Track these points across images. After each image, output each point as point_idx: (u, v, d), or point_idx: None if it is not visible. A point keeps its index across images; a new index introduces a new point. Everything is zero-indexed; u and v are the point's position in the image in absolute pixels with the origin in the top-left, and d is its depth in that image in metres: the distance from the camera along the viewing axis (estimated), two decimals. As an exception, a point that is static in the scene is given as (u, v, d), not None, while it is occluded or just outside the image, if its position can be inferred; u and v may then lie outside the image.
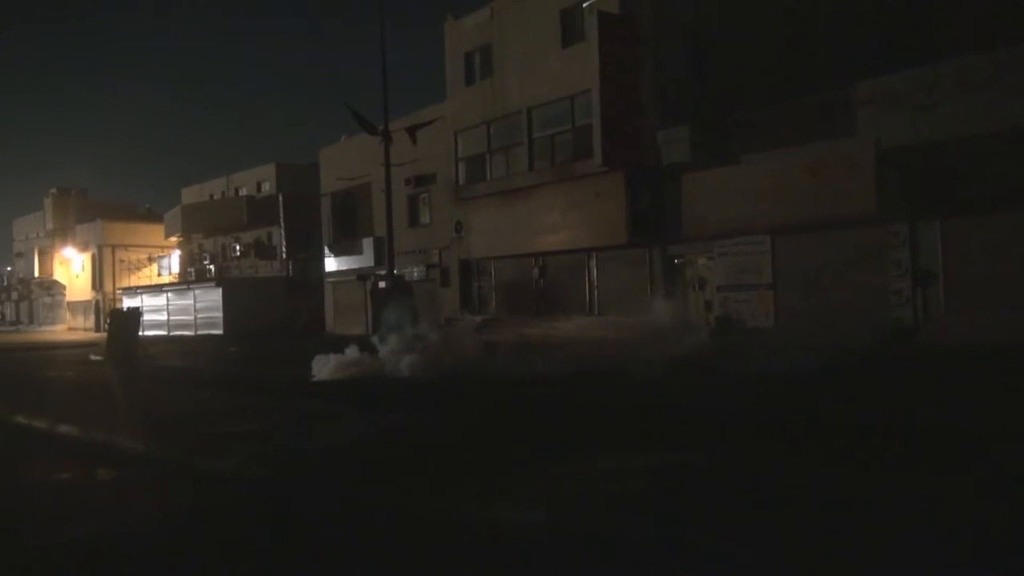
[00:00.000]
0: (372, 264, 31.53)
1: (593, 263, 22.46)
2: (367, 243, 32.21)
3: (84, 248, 56.53)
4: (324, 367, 15.27)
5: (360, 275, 32.05)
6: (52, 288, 60.80)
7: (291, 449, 7.68)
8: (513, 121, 23.98)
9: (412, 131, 19.22)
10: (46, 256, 60.77)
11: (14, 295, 66.72)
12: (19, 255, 65.53)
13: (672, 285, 20.35)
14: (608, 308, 21.99)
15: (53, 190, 60.31)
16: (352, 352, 15.72)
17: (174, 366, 21.90)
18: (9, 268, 67.15)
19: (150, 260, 53.66)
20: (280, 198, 38.77)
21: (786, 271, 17.69)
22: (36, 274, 61.67)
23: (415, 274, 29.02)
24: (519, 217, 23.53)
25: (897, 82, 15.90)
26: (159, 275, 52.15)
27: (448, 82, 26.66)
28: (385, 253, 30.52)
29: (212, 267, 46.24)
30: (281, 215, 38.19)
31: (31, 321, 64.20)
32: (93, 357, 25.45)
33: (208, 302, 40.51)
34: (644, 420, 9.15)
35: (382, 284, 29.76)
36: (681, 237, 19.67)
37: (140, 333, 44.39)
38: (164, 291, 44.93)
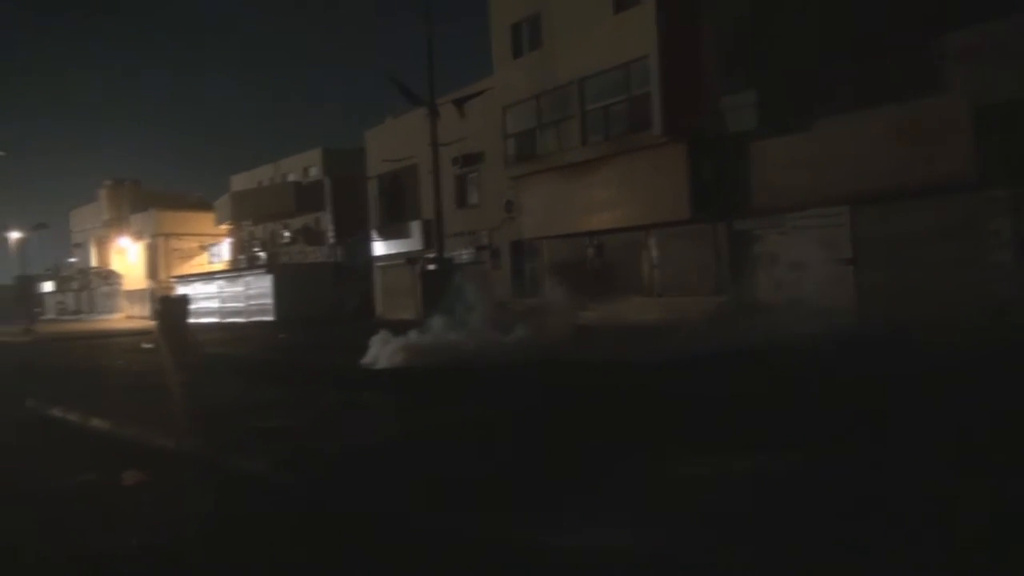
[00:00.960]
0: (421, 247, 30.78)
1: (653, 241, 21.24)
2: (415, 226, 31.46)
3: (138, 237, 57.19)
4: (383, 351, 14.48)
5: (409, 258, 31.35)
6: (110, 277, 61.78)
7: (331, 448, 6.80)
8: (564, 93, 22.78)
9: (460, 103, 18.24)
10: (103, 246, 61.75)
11: (74, 285, 68.10)
12: (77, 245, 66.80)
13: (740, 263, 19.04)
14: (670, 289, 20.78)
15: (108, 181, 61.10)
16: (415, 336, 15.01)
17: (222, 354, 21.46)
18: (73, 259, 68.48)
19: (202, 248, 53.99)
20: (326, 182, 38.25)
21: (868, 245, 16.25)
22: (94, 264, 62.77)
23: (464, 256, 28.16)
24: (572, 194, 22.42)
25: (995, 32, 14.29)
26: (210, 263, 52.42)
27: (495, 56, 25.55)
28: (434, 236, 29.90)
29: (262, 254, 46.17)
30: (328, 199, 37.73)
31: (91, 310, 65.46)
32: (144, 345, 25.32)
33: (259, 289, 40.37)
34: (728, 414, 8.05)
35: (431, 267, 29.06)
36: (749, 211, 18.35)
37: (191, 320, 44.83)
38: (215, 279, 45.02)
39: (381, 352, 14.65)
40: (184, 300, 25.56)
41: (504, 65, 24.97)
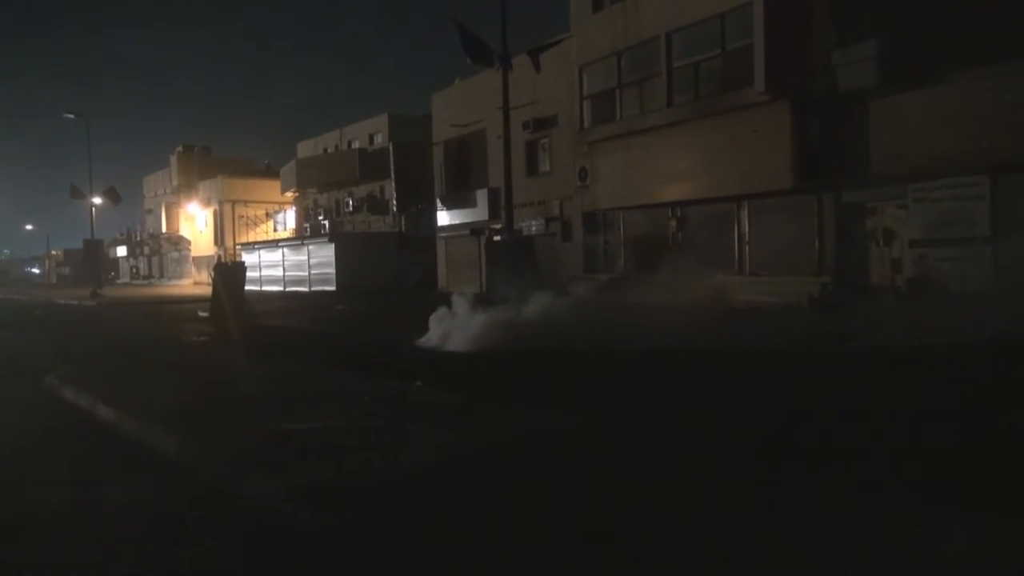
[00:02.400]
0: (486, 217, 29.11)
1: (745, 213, 19.03)
2: (481, 195, 29.78)
3: (206, 204, 57.26)
4: (455, 327, 12.85)
5: (474, 229, 29.74)
6: (179, 243, 62.27)
7: (382, 468, 5.13)
8: (649, 49, 20.59)
9: (535, 55, 16.31)
10: (172, 212, 62.22)
11: (146, 250, 69.08)
12: (149, 211, 67.59)
13: (848, 240, 16.73)
14: (763, 267, 18.58)
15: (179, 147, 61.32)
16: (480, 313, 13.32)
17: (277, 326, 20.30)
18: (141, 225, 69.41)
19: (268, 216, 53.62)
20: (390, 148, 36.85)
21: (1011, 221, 13.78)
22: (164, 229, 63.34)
23: (533, 228, 26.37)
24: (654, 161, 20.32)
25: None
26: (275, 231, 52.02)
27: (572, 10, 23.46)
28: (500, 205, 28.17)
29: (326, 222, 45.33)
30: (392, 166, 36.32)
31: (161, 275, 66.29)
32: (201, 313, 24.46)
33: (321, 258, 39.48)
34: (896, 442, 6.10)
35: (497, 238, 27.37)
36: (862, 180, 16.00)
37: (253, 288, 44.42)
38: (280, 246, 44.38)
39: (450, 328, 13.02)
40: (240, 267, 24.54)
41: (582, 20, 22.87)
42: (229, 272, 23.37)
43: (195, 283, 58.30)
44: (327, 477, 4.86)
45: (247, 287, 45.32)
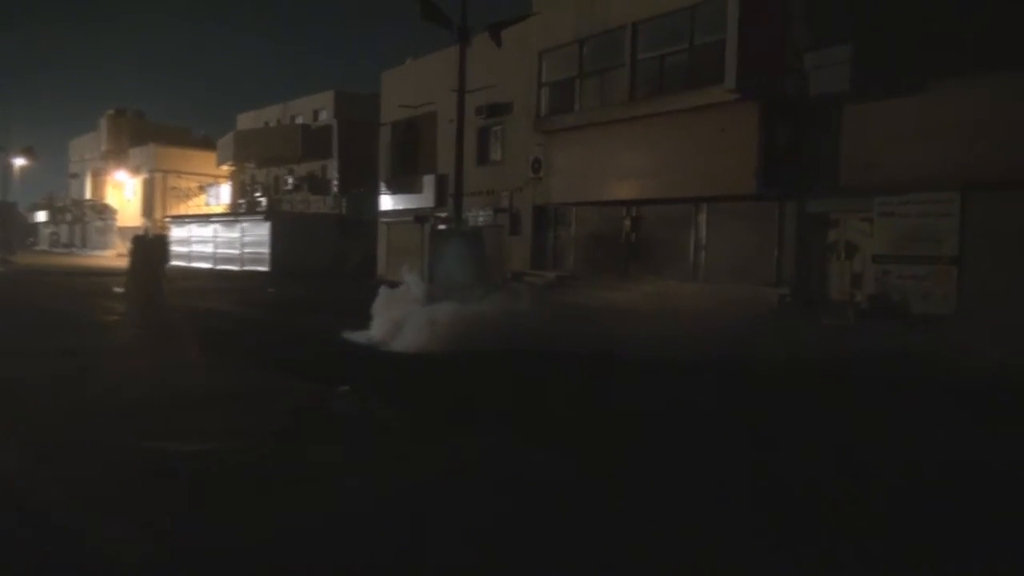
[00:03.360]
0: (432, 204, 27.83)
1: (703, 217, 18.25)
2: (428, 181, 28.45)
3: (136, 172, 54.33)
4: (400, 323, 11.39)
5: (418, 216, 28.42)
6: (104, 212, 58.98)
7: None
8: (613, 39, 19.63)
9: (496, 31, 15.13)
10: (99, 179, 58.89)
11: (68, 217, 65.32)
12: (74, 176, 63.91)
13: (809, 251, 16.09)
14: (718, 275, 17.82)
15: (110, 111, 58.03)
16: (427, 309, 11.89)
17: (198, 307, 18.69)
18: (65, 191, 65.59)
19: (201, 189, 51.08)
20: (335, 125, 35.17)
21: (981, 241, 13.27)
22: (88, 196, 59.90)
23: (480, 218, 25.21)
24: (612, 156, 19.39)
25: None
26: (207, 205, 49.57)
27: (535, -7, 22.34)
28: (448, 193, 26.92)
29: (263, 200, 43.27)
30: (335, 144, 34.67)
31: (83, 244, 62.76)
32: (117, 289, 22.55)
33: (256, 236, 37.57)
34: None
35: (442, 227, 26.13)
36: (827, 190, 15.35)
37: (180, 264, 42.12)
38: (212, 221, 42.17)
39: (393, 321, 11.64)
40: (162, 241, 22.65)
41: (545, 3, 21.75)
42: (149, 245, 21.44)
43: (119, 255, 55.08)
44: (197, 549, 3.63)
45: (173, 262, 43.16)
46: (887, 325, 13.68)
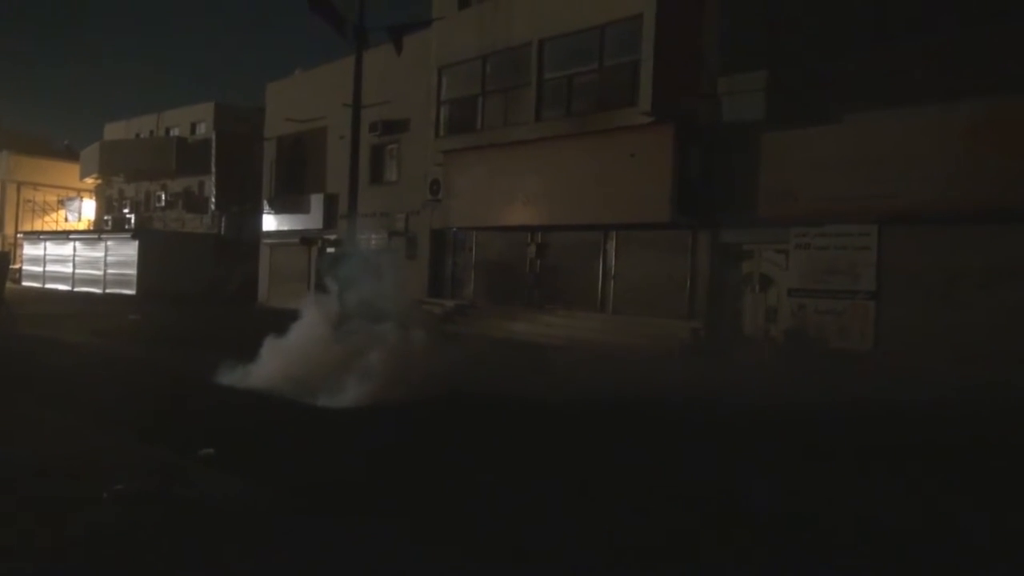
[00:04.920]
0: (320, 226, 25.93)
1: (612, 245, 17.40)
2: (316, 200, 26.55)
3: (-14, 183, 49.05)
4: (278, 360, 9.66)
5: (305, 238, 26.43)
6: (-54, 226, 52.91)
7: None
8: (518, 56, 18.63)
9: (397, 35, 13.70)
10: (-59, 189, 52.82)
11: (-98, 231, 58.31)
12: (-90, 185, 57.15)
13: (721, 283, 15.45)
14: (628, 306, 16.99)
15: (-43, 114, 52.41)
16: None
17: (41, 337, 16.09)
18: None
19: (60, 204, 46.62)
20: (214, 137, 32.63)
21: (898, 276, 12.92)
22: (-74, 208, 53.65)
23: (373, 242, 23.57)
24: (516, 179, 18.30)
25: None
26: (67, 220, 45.27)
27: (435, 5, 21.12)
28: (337, 214, 25.10)
29: (132, 217, 39.74)
30: (214, 158, 32.09)
31: (-80, 262, 56.11)
32: (-56, 314, 19.46)
33: (122, 256, 34.23)
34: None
35: (331, 250, 24.30)
36: (741, 219, 14.78)
37: (29, 285, 37.93)
38: (72, 239, 38.27)
39: (273, 358, 9.83)
40: (3, 259, 19.90)
41: (446, 16, 20.56)
42: (-15, 265, 18.68)
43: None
44: None
45: (28, 283, 38.82)
46: (804, 362, 13.12)
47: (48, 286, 37.89)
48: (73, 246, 37.58)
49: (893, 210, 12.66)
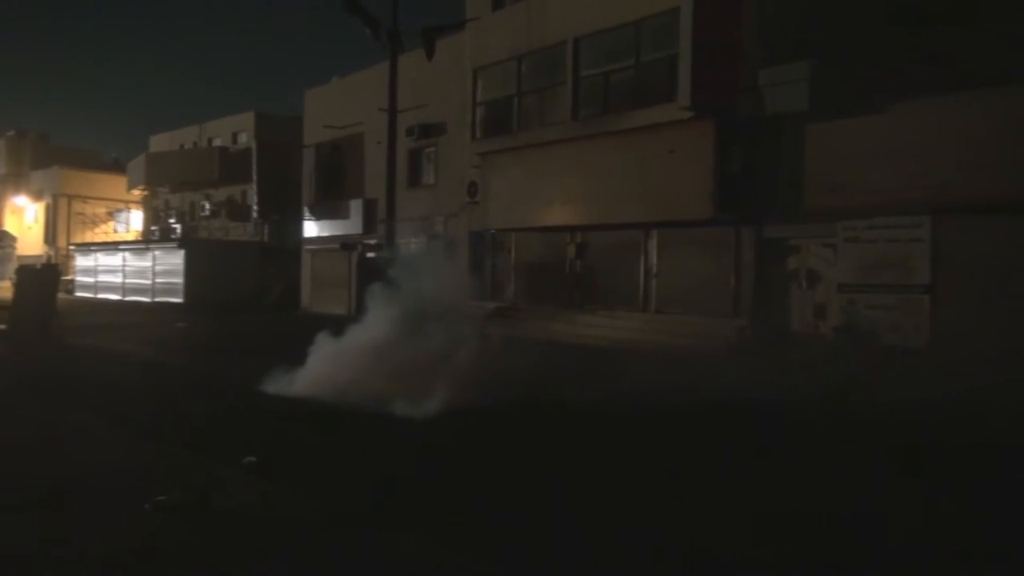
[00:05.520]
0: (360, 231, 26.07)
1: (653, 243, 17.12)
2: (355, 205, 26.70)
3: (38, 197, 50.57)
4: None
5: (345, 243, 26.58)
6: (2, 240, 54.58)
7: None
8: (553, 55, 18.49)
9: (430, 39, 13.67)
10: (-3, 204, 54.58)
11: (-39, 245, 60.43)
12: (-32, 201, 59.17)
13: (767, 279, 15.08)
14: (670, 305, 16.69)
15: (10, 132, 54.01)
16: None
17: (90, 347, 16.42)
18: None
19: (109, 215, 47.76)
20: (254, 147, 33.08)
21: (954, 268, 12.42)
22: (-17, 223, 55.44)
23: (412, 246, 23.59)
24: (554, 179, 18.14)
25: None
26: (116, 232, 46.35)
27: (468, 7, 21.08)
28: (377, 219, 25.22)
29: (177, 226, 40.53)
30: (255, 167, 32.53)
31: (-22, 275, 58.03)
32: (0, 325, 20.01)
33: (169, 265, 34.91)
34: None
35: (371, 255, 24.43)
36: (786, 214, 14.40)
37: (82, 295, 38.87)
38: (121, 250, 39.18)
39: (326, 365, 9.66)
40: (52, 272, 20.35)
41: (480, 18, 20.49)
42: (37, 277, 19.14)
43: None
44: None
45: (81, 294, 39.83)
46: (858, 359, 12.67)
47: (100, 296, 38.84)
48: (122, 256, 38.48)
49: (948, 200, 12.19)
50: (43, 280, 18.71)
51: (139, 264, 37.22)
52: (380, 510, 4.97)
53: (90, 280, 40.40)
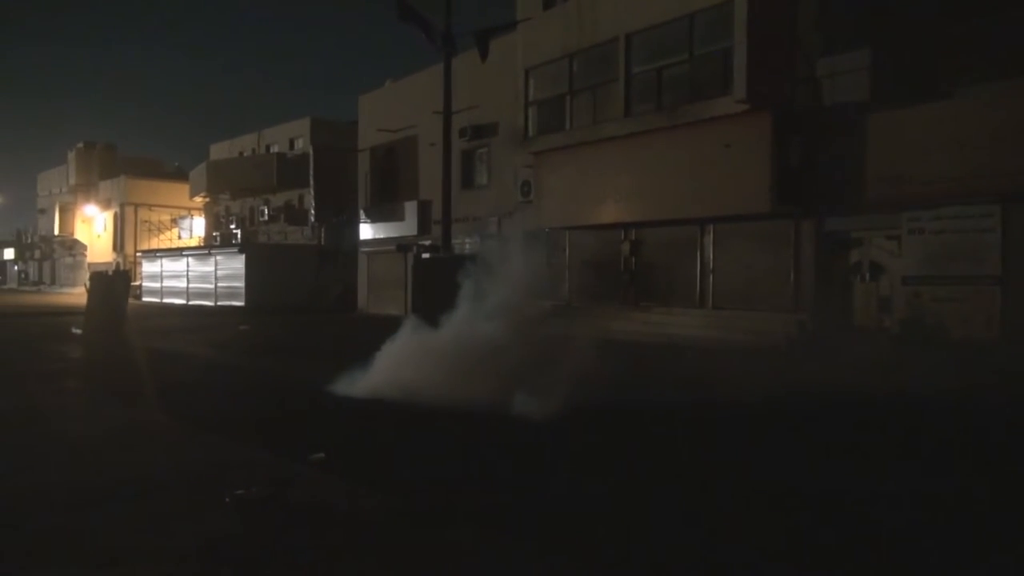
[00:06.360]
0: (415, 232, 26.39)
1: (709, 238, 16.94)
2: (410, 207, 27.03)
3: (106, 206, 52.56)
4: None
5: (400, 245, 26.91)
6: (74, 248, 57.00)
7: None
8: (605, 52, 18.43)
9: (483, 39, 13.79)
10: (68, 213, 56.95)
11: (36, 254, 63.17)
12: (42, 211, 61.89)
13: (829, 273, 14.78)
14: (728, 301, 16.50)
15: (79, 144, 56.28)
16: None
17: (160, 350, 17.03)
18: (33, 227, 63.49)
19: (173, 222, 49.33)
20: (311, 153, 33.76)
21: (1026, 258, 12.00)
22: (56, 232, 57.88)
23: (467, 246, 23.77)
24: (608, 177, 18.10)
25: None
26: (180, 238, 47.82)
27: (519, 5, 21.16)
28: (431, 220, 25.53)
29: (238, 231, 41.65)
30: (311, 172, 33.20)
31: (53, 282, 60.60)
32: (75, 330, 20.84)
33: (230, 270, 35.87)
34: None
35: (425, 255, 24.68)
36: (847, 206, 14.10)
37: (149, 300, 40.21)
38: (184, 255, 40.43)
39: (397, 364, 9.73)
40: (122, 278, 21.04)
41: (531, 17, 20.55)
42: (108, 283, 19.82)
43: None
44: None
45: (148, 299, 41.22)
46: (927, 353, 12.32)
47: (165, 300, 40.15)
48: (186, 262, 39.69)
49: (1019, 188, 11.78)
50: (115, 286, 19.34)
51: (202, 269, 38.33)
52: (471, 510, 5.03)
53: (156, 285, 41.78)
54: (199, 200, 45.37)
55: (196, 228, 47.59)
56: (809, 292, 14.89)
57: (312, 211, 34.25)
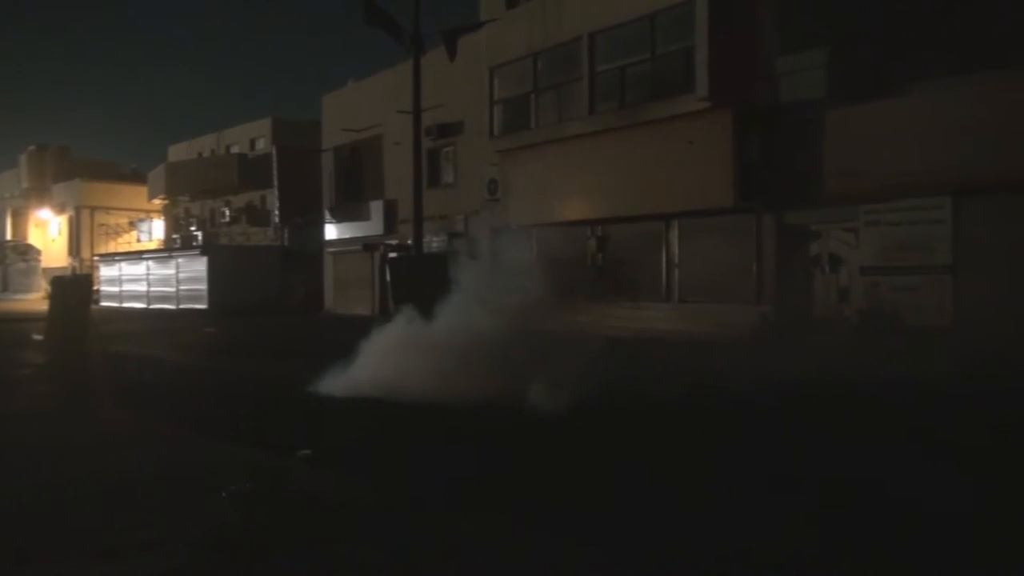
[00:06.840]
0: (381, 232, 26.40)
1: (674, 233, 17.31)
2: (375, 207, 27.03)
3: (61, 210, 51.36)
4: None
5: (367, 244, 26.92)
6: (27, 253, 55.54)
7: None
8: (569, 51, 18.69)
9: (452, 40, 13.93)
10: (20, 217, 55.53)
11: (-13, 259, 61.47)
12: (-8, 216, 60.20)
13: (789, 265, 15.24)
14: (693, 294, 16.89)
15: (31, 147, 54.91)
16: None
17: (125, 353, 16.81)
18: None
19: (131, 225, 48.44)
20: (274, 152, 33.49)
21: (976, 248, 12.54)
22: (8, 237, 56.42)
23: (434, 244, 23.89)
24: (573, 174, 18.37)
25: None
26: (138, 241, 47.00)
27: (483, 5, 21.32)
28: (397, 219, 25.57)
29: (199, 234, 41.11)
30: (275, 172, 32.93)
31: (5, 288, 59.00)
32: (36, 337, 20.46)
33: (192, 272, 35.42)
34: None
35: (393, 254, 24.73)
36: (806, 200, 14.55)
37: (108, 305, 39.50)
38: (144, 259, 39.78)
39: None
40: (84, 282, 20.68)
41: (495, 16, 20.71)
42: (69, 287, 19.53)
43: (44, 298, 51.89)
44: None
45: (106, 303, 40.45)
46: (885, 341, 12.80)
47: (125, 305, 39.45)
48: (146, 265, 39.07)
49: (968, 180, 12.31)
50: (76, 291, 19.05)
51: (163, 272, 37.79)
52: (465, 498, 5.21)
53: (115, 290, 41.03)
54: (158, 203, 44.67)
55: (155, 231, 46.83)
56: (772, 284, 15.33)
57: (276, 212, 33.98)
